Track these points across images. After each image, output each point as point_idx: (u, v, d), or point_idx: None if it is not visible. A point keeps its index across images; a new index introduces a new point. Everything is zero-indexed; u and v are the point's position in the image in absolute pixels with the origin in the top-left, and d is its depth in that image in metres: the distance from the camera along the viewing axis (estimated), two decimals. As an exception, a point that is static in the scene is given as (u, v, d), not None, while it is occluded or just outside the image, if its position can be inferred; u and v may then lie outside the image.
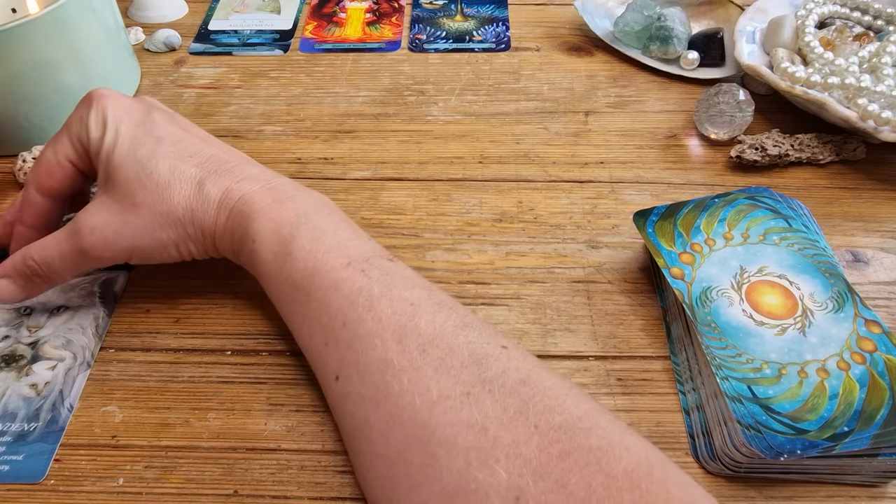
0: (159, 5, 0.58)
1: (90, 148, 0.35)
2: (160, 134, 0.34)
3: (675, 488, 0.23)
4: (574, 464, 0.23)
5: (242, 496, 0.30)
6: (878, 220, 0.41)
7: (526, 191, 0.43)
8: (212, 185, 0.33)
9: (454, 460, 0.24)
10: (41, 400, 0.33)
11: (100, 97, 0.35)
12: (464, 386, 0.26)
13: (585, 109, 0.49)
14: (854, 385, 0.29)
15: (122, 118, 0.35)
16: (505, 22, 0.57)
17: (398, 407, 0.26)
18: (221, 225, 0.33)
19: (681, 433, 0.31)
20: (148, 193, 0.33)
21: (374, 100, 0.50)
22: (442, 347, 0.27)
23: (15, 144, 0.45)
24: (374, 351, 0.28)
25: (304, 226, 0.31)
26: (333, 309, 0.29)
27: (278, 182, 0.34)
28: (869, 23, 0.50)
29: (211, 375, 0.34)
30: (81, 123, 0.35)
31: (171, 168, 0.33)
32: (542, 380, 0.26)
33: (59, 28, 0.42)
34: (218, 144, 0.36)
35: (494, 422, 0.25)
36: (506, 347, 0.27)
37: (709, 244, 0.35)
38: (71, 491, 0.30)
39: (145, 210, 0.33)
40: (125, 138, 0.34)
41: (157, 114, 0.35)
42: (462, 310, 0.29)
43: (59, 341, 0.35)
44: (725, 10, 0.55)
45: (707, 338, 0.31)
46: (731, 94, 0.44)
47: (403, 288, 0.29)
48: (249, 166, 0.34)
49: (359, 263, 0.30)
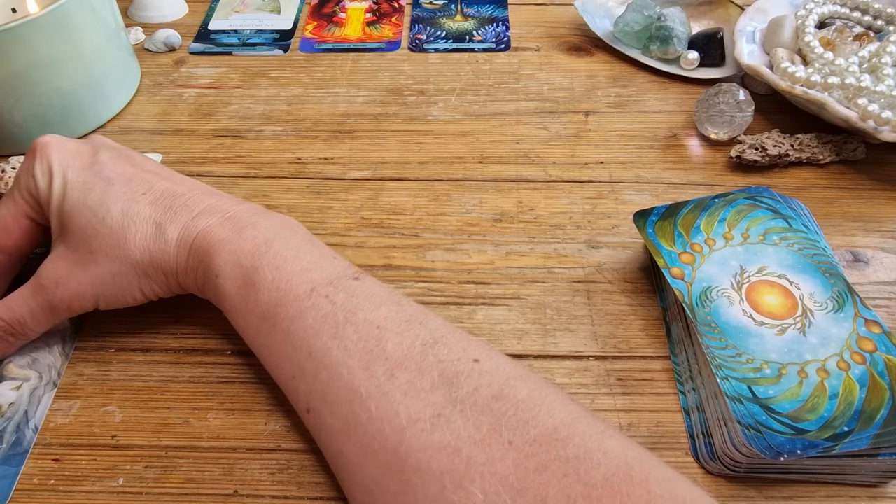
0: (159, 5, 0.58)
1: (40, 199, 0.33)
2: (109, 175, 0.33)
3: (655, 487, 0.23)
4: (552, 476, 0.23)
5: (242, 496, 0.30)
6: (878, 220, 0.41)
7: (526, 191, 0.43)
8: (168, 224, 0.32)
9: (429, 486, 0.24)
10: (5, 422, 0.32)
11: (43, 146, 0.34)
12: (434, 408, 0.25)
13: (585, 109, 0.49)
14: (854, 385, 0.29)
15: (67, 164, 0.33)
16: (505, 22, 0.57)
17: (368, 436, 0.26)
18: (182, 263, 0.32)
19: (681, 433, 0.31)
20: (103, 240, 0.32)
21: (374, 100, 0.50)
22: (410, 370, 0.26)
23: (14, 145, 0.45)
24: (340, 380, 0.27)
25: (266, 255, 0.31)
26: (298, 339, 0.29)
27: (237, 210, 0.33)
28: (869, 23, 0.50)
29: (211, 375, 0.34)
30: (28, 175, 0.34)
31: (124, 211, 0.32)
32: (515, 392, 0.26)
33: (59, 28, 0.42)
34: (172, 177, 0.34)
35: (467, 441, 0.24)
36: (478, 361, 0.27)
37: (709, 244, 0.35)
38: (71, 491, 0.30)
39: (102, 257, 0.32)
40: (74, 184, 0.33)
41: (104, 153, 0.34)
42: (433, 323, 0.29)
43: (25, 360, 0.34)
44: (725, 10, 0.55)
45: (707, 338, 0.31)
46: (731, 94, 0.44)
47: (369, 310, 0.29)
48: (206, 197, 0.33)
49: (322, 289, 0.29)
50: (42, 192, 0.33)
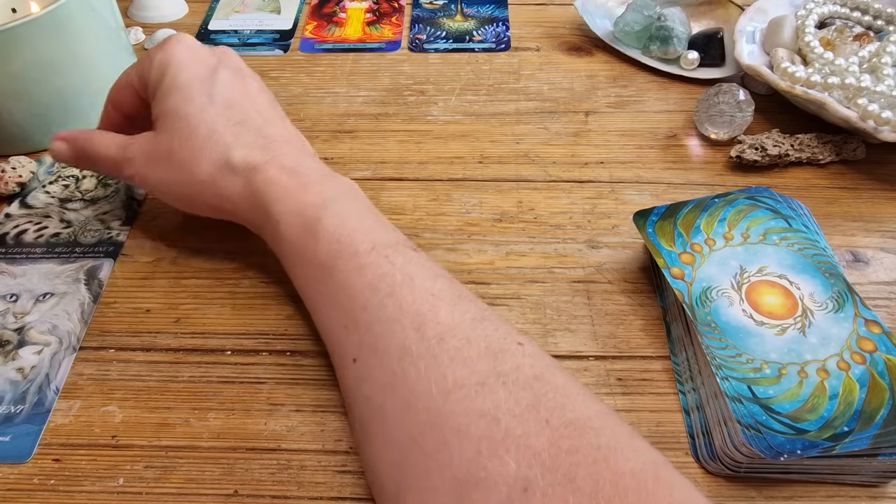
0: (159, 5, 0.58)
1: (148, 87, 0.37)
2: (214, 94, 0.35)
3: (678, 493, 0.23)
4: (583, 459, 0.23)
5: (242, 496, 0.30)
6: (878, 220, 0.41)
7: (526, 191, 0.43)
8: (241, 159, 0.34)
9: (465, 448, 0.24)
10: (27, 383, 0.34)
11: (176, 42, 0.37)
12: (479, 376, 0.26)
13: (585, 109, 0.49)
14: (854, 385, 0.29)
15: (185, 67, 0.36)
16: (505, 22, 0.57)
17: (414, 393, 0.26)
18: (246, 200, 0.34)
19: (681, 433, 0.31)
20: (182, 150, 0.34)
21: (374, 100, 0.50)
22: (459, 338, 0.27)
23: (14, 145, 0.45)
24: (392, 336, 0.28)
25: (329, 209, 0.32)
26: (356, 292, 0.29)
27: (309, 166, 0.34)
28: (869, 23, 0.50)
29: (211, 375, 0.34)
30: (148, 61, 0.37)
31: (209, 133, 0.34)
32: (555, 378, 0.26)
33: (59, 28, 0.42)
34: (270, 117, 0.36)
35: (507, 413, 0.25)
36: (521, 344, 0.27)
37: (709, 244, 0.35)
38: (71, 491, 0.30)
39: (176, 164, 0.35)
40: (181, 89, 0.35)
41: (223, 72, 0.36)
42: (480, 304, 0.29)
43: (45, 327, 0.36)
44: (725, 10, 0.55)
45: (707, 338, 0.31)
46: (731, 94, 0.44)
47: (426, 278, 0.29)
48: (287, 146, 0.35)
49: (383, 249, 0.30)
50: (151, 83, 0.37)
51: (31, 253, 0.40)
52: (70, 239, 0.40)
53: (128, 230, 0.41)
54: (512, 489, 0.23)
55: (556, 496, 0.23)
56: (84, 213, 0.42)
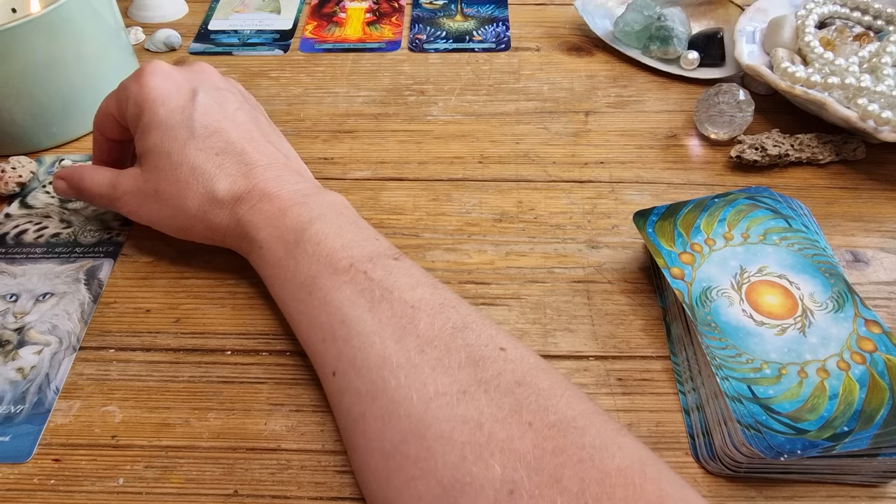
0: (159, 5, 0.58)
1: (128, 122, 0.37)
2: (194, 125, 0.35)
3: (668, 486, 0.23)
4: (568, 459, 0.24)
5: (242, 496, 0.30)
6: (878, 220, 0.41)
7: (526, 191, 0.43)
8: (226, 190, 0.34)
9: (449, 454, 0.25)
10: (27, 383, 0.34)
11: (150, 74, 0.36)
12: (460, 384, 0.26)
13: (585, 109, 0.49)
14: (854, 385, 0.29)
15: (162, 101, 0.36)
16: (505, 22, 0.57)
17: (394, 402, 0.27)
18: (232, 229, 0.34)
19: (681, 433, 0.31)
20: (169, 189, 0.35)
21: (374, 100, 0.50)
22: (439, 348, 0.27)
23: (14, 145, 0.45)
24: (372, 348, 0.28)
25: (308, 230, 0.32)
26: (334, 308, 0.30)
27: (290, 188, 0.34)
28: (869, 23, 0.50)
29: (211, 375, 0.34)
30: (125, 95, 0.37)
31: (192, 170, 0.34)
32: (537, 381, 0.26)
33: (59, 28, 0.42)
34: (252, 137, 0.36)
35: (489, 418, 0.25)
36: (504, 349, 0.28)
37: (709, 244, 0.35)
38: (71, 491, 0.30)
39: (164, 201, 0.35)
40: (159, 126, 0.35)
41: (200, 97, 0.36)
42: (464, 309, 0.29)
43: (45, 327, 0.36)
44: (725, 10, 0.55)
45: (707, 338, 0.31)
46: (731, 94, 0.44)
47: (405, 289, 0.30)
48: (269, 171, 0.35)
49: (362, 265, 0.30)
50: (131, 118, 0.37)
51: (31, 253, 0.40)
52: (70, 239, 0.40)
53: (128, 230, 0.41)
54: (499, 493, 0.23)
55: (543, 497, 0.23)
56: (84, 213, 0.42)
